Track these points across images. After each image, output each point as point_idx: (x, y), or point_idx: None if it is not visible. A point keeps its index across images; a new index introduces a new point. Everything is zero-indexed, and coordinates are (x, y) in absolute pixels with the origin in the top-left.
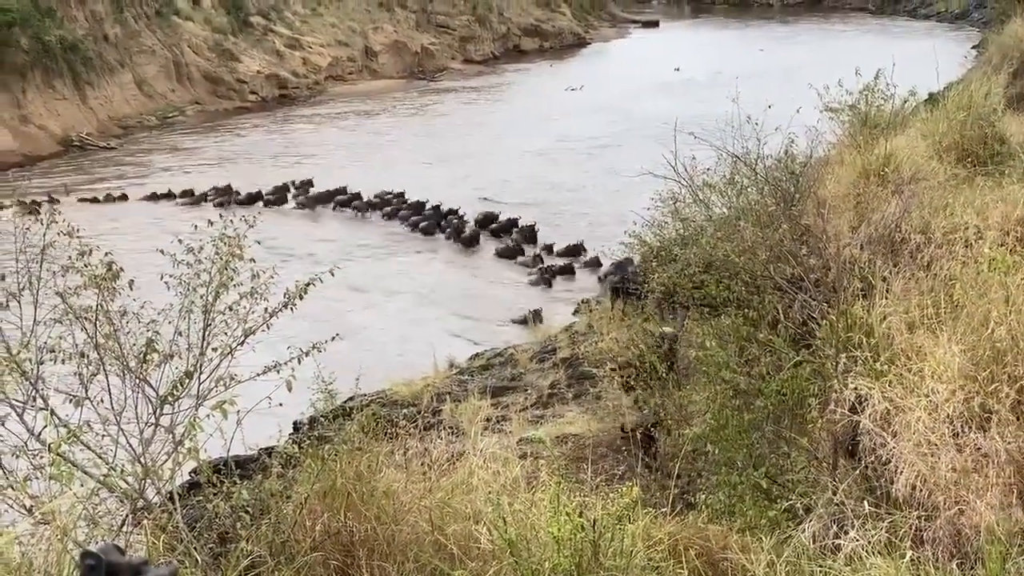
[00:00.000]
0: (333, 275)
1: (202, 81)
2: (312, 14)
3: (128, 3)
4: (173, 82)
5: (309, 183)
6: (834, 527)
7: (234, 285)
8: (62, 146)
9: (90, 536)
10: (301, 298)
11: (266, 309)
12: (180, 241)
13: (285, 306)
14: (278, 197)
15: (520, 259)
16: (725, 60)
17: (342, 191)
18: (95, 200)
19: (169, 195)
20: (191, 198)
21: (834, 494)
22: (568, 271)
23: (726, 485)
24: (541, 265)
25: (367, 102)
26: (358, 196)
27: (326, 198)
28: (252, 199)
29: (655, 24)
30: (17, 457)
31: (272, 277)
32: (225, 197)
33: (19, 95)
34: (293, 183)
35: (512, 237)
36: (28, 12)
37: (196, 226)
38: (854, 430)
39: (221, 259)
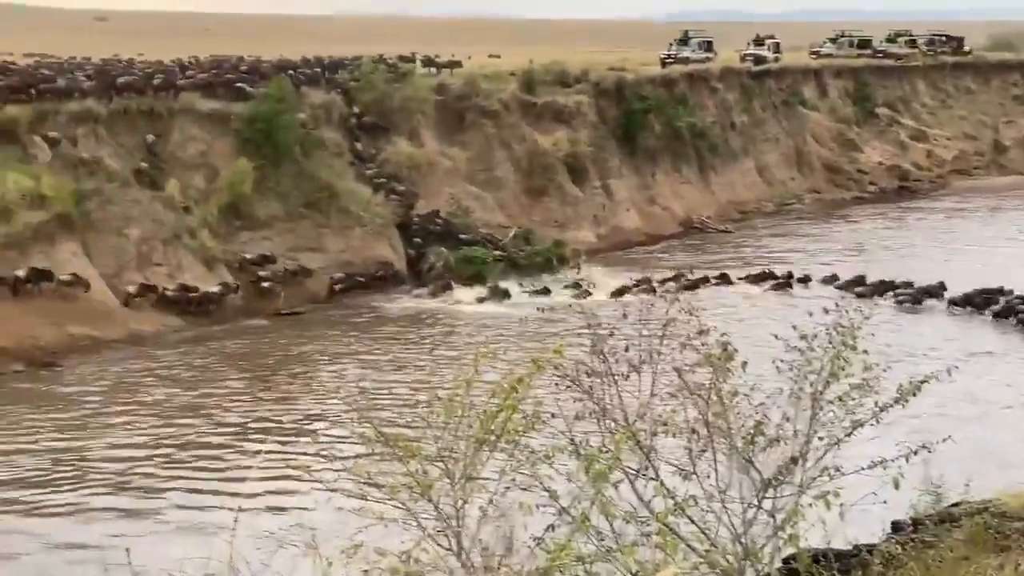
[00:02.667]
0: (950, 374)
1: (821, 170)
2: (941, 106)
3: (756, 93)
4: (793, 170)
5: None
6: None
7: (845, 376)
8: (682, 227)
9: None
10: (915, 395)
11: (876, 403)
12: (794, 327)
13: (897, 401)
14: (913, 293)
15: None
16: None
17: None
18: (707, 281)
19: (785, 280)
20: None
21: None
22: None
23: None
24: None
25: (995, 198)
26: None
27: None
28: (882, 290)
29: None
30: (627, 522)
31: (885, 371)
32: (844, 284)
33: (649, 178)
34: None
35: None
36: (663, 100)
37: (811, 313)
38: None
39: (833, 348)
